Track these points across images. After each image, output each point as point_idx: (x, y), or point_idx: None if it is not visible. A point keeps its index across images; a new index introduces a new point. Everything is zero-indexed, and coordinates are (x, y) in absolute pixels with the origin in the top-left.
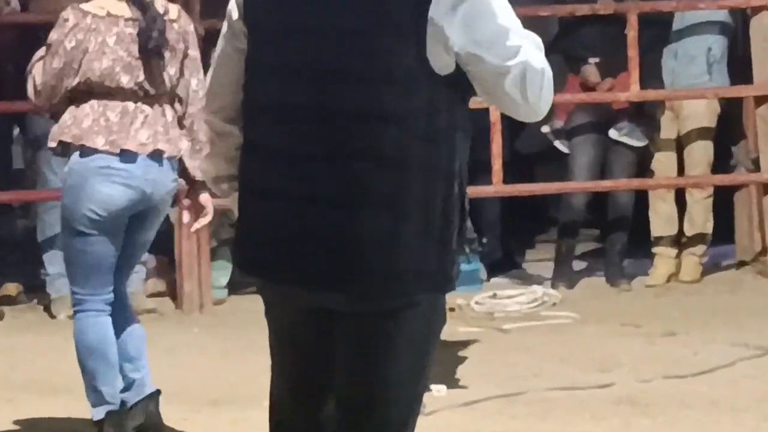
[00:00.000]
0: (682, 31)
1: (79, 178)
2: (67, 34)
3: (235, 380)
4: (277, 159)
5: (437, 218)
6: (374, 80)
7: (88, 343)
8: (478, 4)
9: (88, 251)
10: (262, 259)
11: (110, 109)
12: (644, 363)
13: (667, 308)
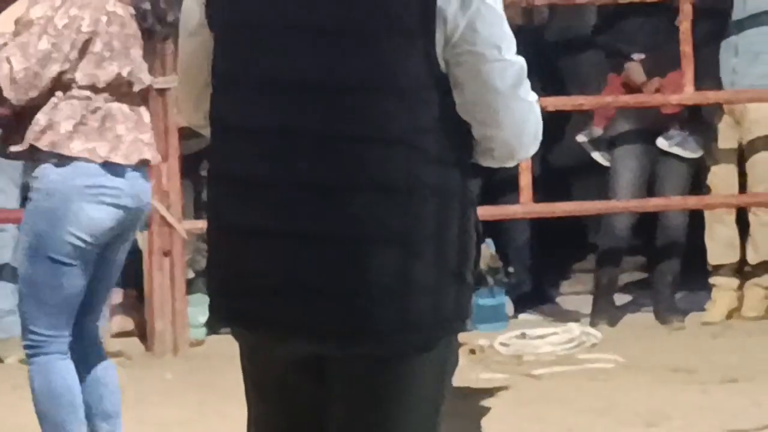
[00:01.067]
0: (743, 22)
1: (59, 201)
2: (57, 9)
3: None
4: (258, 191)
5: (453, 250)
6: (378, 92)
7: (53, 391)
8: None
9: (63, 285)
10: (242, 307)
11: (91, 112)
12: (698, 416)
13: (726, 350)
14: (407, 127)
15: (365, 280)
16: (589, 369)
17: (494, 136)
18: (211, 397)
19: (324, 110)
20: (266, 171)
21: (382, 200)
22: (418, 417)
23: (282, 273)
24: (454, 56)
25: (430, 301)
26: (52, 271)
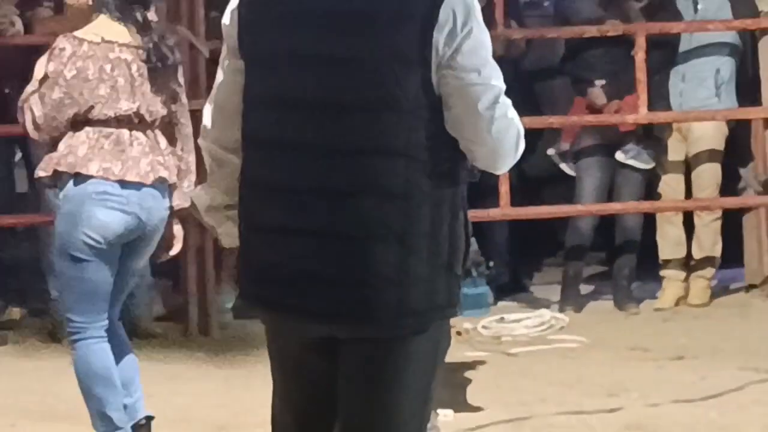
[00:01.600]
0: (690, 53)
1: (74, 205)
2: (65, 64)
3: (240, 407)
4: (280, 195)
5: (445, 246)
6: (380, 111)
7: (93, 370)
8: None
9: (85, 278)
10: (268, 294)
11: (105, 137)
12: (652, 388)
13: (675, 332)
14: (406, 142)
15: (369, 272)
16: (558, 348)
17: (476, 150)
18: (236, 372)
19: (335, 127)
20: (286, 178)
21: (384, 204)
22: (414, 390)
23: (299, 265)
24: (441, 78)
25: (424, 290)
26: (74, 266)
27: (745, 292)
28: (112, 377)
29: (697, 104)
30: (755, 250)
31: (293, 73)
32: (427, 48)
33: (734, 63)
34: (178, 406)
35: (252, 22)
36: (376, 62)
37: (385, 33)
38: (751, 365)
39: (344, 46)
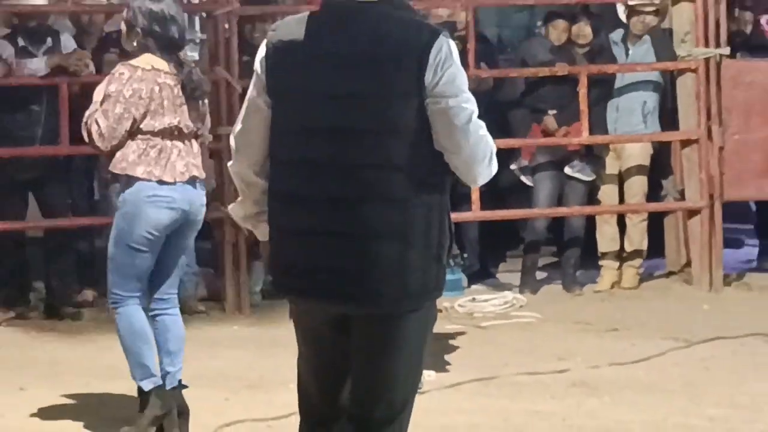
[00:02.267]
0: (622, 89)
1: (132, 206)
2: (125, 85)
3: (267, 369)
4: (302, 203)
5: (435, 242)
6: (384, 135)
7: (133, 328)
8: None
9: (136, 264)
10: (295, 283)
11: (151, 147)
12: (593, 353)
13: (611, 310)
14: (404, 159)
15: (374, 263)
16: (518, 322)
17: (455, 159)
18: (265, 342)
19: (347, 148)
20: (305, 189)
21: (387, 209)
22: (410, 356)
23: (317, 259)
24: (428, 105)
25: (419, 277)
26: (129, 254)
27: (666, 277)
28: (146, 334)
29: (629, 129)
30: (674, 245)
31: (312, 107)
32: (420, 83)
33: (657, 97)
34: (217, 369)
35: (277, 67)
36: (380, 96)
37: (386, 72)
38: (671, 335)
39: (353, 84)
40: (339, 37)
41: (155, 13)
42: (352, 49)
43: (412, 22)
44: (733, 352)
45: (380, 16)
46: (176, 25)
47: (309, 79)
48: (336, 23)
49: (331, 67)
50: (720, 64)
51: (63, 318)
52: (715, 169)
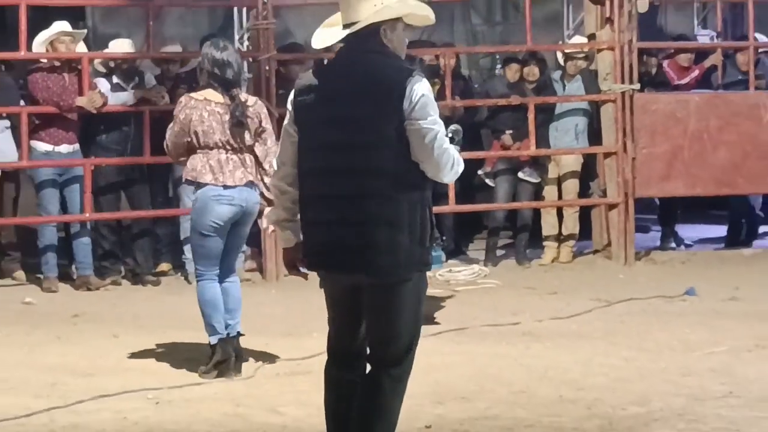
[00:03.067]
0: (560, 115)
1: (202, 203)
2: (181, 111)
3: (298, 323)
4: (320, 201)
5: (418, 230)
6: (376, 148)
7: (206, 297)
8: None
9: (206, 245)
10: (320, 259)
11: (210, 159)
12: (538, 311)
13: (551, 278)
14: (393, 166)
15: (375, 244)
16: (484, 287)
17: (426, 166)
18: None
19: (350, 158)
20: (323, 190)
21: (381, 204)
22: (408, 313)
23: (334, 241)
24: (406, 125)
25: (406, 254)
26: (200, 238)
27: (593, 254)
28: (216, 302)
29: (565, 145)
30: (599, 230)
31: (325, 130)
32: (400, 109)
33: (586, 120)
34: (260, 322)
35: (300, 104)
36: (372, 121)
37: (376, 102)
38: (595, 297)
39: (353, 111)
40: (344, 78)
41: (217, 60)
42: (353, 86)
43: (396, 65)
44: (642, 309)
45: (373, 63)
46: (232, 69)
47: (322, 110)
48: (342, 68)
49: (338, 100)
50: (632, 96)
51: (145, 284)
52: (629, 174)
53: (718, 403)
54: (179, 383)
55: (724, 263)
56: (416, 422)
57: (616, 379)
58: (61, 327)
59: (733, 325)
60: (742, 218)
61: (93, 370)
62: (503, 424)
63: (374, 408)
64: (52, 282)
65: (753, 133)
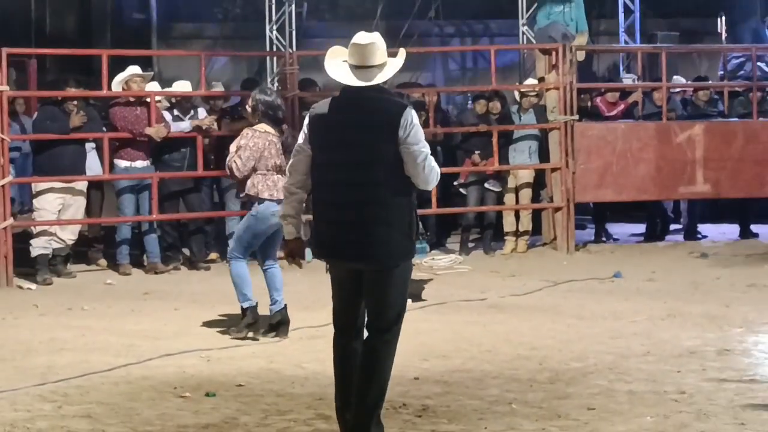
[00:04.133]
0: (517, 139)
1: (263, 216)
2: (250, 140)
3: (316, 297)
4: (330, 206)
5: (407, 227)
6: (376, 164)
7: (238, 272)
8: (416, 131)
9: (252, 242)
10: (327, 250)
11: (267, 178)
12: (500, 289)
13: (512, 264)
14: (387, 179)
15: (372, 239)
16: (459, 272)
17: (416, 179)
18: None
19: (354, 173)
20: (331, 198)
21: (378, 208)
22: (397, 291)
23: (339, 237)
24: (402, 149)
25: (398, 247)
26: (253, 236)
27: (542, 246)
28: (246, 276)
29: (521, 162)
30: (547, 227)
31: (334, 150)
32: (395, 135)
33: (537, 143)
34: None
35: (314, 129)
36: (373, 143)
37: (377, 130)
38: (545, 279)
39: (358, 137)
40: (348, 110)
41: (269, 102)
42: (356, 117)
43: (392, 100)
44: (580, 288)
45: (372, 98)
46: (280, 109)
47: (331, 135)
48: (347, 102)
49: (346, 127)
50: (573, 125)
51: (199, 269)
52: (570, 184)
53: (639, 360)
54: (225, 345)
55: (644, 253)
56: (407, 374)
57: (561, 341)
58: (135, 302)
59: (650, 299)
60: (657, 218)
61: (159, 335)
62: (474, 375)
63: (371, 365)
64: (126, 267)
65: (665, 152)
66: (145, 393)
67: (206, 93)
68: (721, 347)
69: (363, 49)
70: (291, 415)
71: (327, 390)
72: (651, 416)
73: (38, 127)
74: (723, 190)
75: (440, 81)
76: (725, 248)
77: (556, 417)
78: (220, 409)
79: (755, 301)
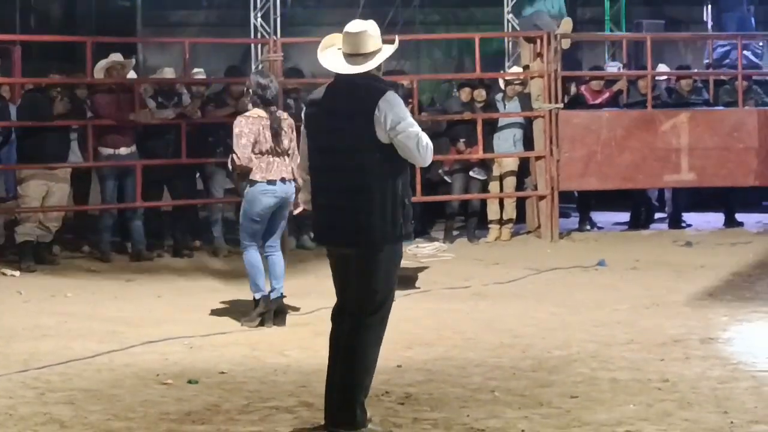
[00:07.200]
0: (502, 127)
1: (253, 196)
2: (244, 127)
3: (299, 285)
4: (322, 190)
5: (389, 213)
6: (360, 151)
7: (251, 262)
8: (396, 111)
9: (253, 227)
10: (322, 235)
11: (261, 161)
12: (484, 276)
13: (495, 252)
14: (375, 164)
15: (360, 224)
16: (443, 259)
17: (413, 161)
18: (298, 272)
19: (343, 159)
20: (323, 183)
21: (366, 194)
22: (382, 276)
23: (331, 222)
24: (390, 134)
25: (378, 233)
26: (250, 222)
27: (526, 234)
28: (259, 266)
29: (505, 150)
30: (531, 215)
31: (324, 137)
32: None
33: (522, 131)
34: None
35: (309, 114)
36: (355, 130)
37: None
38: (528, 266)
39: (341, 123)
40: (336, 97)
41: (260, 83)
42: (341, 103)
43: (373, 86)
44: (564, 276)
45: (361, 84)
46: (270, 90)
47: (320, 121)
48: (336, 89)
49: (330, 113)
50: (557, 113)
51: (182, 256)
52: (554, 172)
53: (622, 348)
54: (208, 332)
55: (628, 241)
56: (390, 362)
57: (544, 329)
58: (118, 289)
59: (633, 288)
60: (641, 207)
61: (142, 322)
62: (457, 363)
63: (351, 348)
64: (107, 254)
65: (650, 141)
66: (127, 380)
67: (190, 80)
68: (705, 336)
69: (354, 38)
70: (273, 403)
71: (310, 377)
72: (634, 404)
73: (22, 114)
74: (708, 179)
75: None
76: (710, 237)
77: (539, 405)
78: (203, 396)
79: (739, 290)
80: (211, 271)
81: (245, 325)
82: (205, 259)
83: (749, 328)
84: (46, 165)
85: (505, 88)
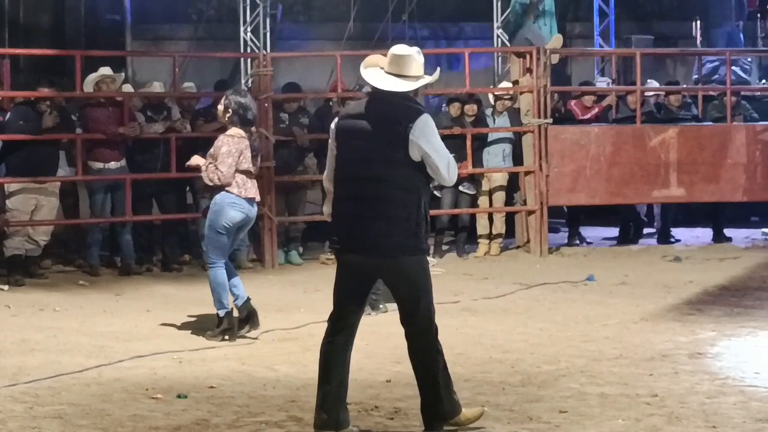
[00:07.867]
0: (492, 142)
1: (220, 206)
2: (232, 146)
3: (286, 300)
4: (345, 200)
5: (412, 223)
6: (385, 163)
7: (217, 281)
8: (429, 134)
9: (219, 241)
10: (341, 244)
11: (240, 179)
12: (473, 291)
13: (484, 267)
14: (392, 176)
15: (381, 233)
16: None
17: (439, 180)
18: (286, 285)
19: (367, 170)
20: (346, 193)
21: (381, 203)
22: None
23: (351, 229)
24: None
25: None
26: (216, 235)
27: (516, 249)
28: (225, 284)
29: (495, 165)
30: (520, 230)
31: (351, 150)
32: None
33: (511, 146)
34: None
35: (341, 127)
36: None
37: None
38: (518, 282)
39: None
40: (376, 112)
41: (242, 104)
42: (382, 119)
43: (414, 107)
44: (553, 291)
45: (398, 103)
46: (251, 111)
47: (357, 133)
48: (375, 105)
49: (358, 132)
50: (547, 128)
51: (171, 270)
52: (544, 187)
53: (611, 363)
54: (197, 347)
55: (617, 256)
56: (379, 377)
57: (533, 344)
58: (107, 303)
59: (622, 303)
60: (630, 222)
61: (131, 337)
62: None
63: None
64: (96, 268)
65: (639, 156)
66: (116, 394)
67: (179, 94)
68: (693, 350)
69: (400, 59)
70: (262, 417)
71: (299, 392)
72: (623, 419)
73: (10, 127)
74: (696, 194)
75: None
76: (698, 252)
77: (528, 420)
78: (192, 411)
79: (727, 305)
80: (200, 286)
81: (210, 339)
82: (194, 273)
83: (737, 343)
84: (34, 179)
85: (495, 103)
